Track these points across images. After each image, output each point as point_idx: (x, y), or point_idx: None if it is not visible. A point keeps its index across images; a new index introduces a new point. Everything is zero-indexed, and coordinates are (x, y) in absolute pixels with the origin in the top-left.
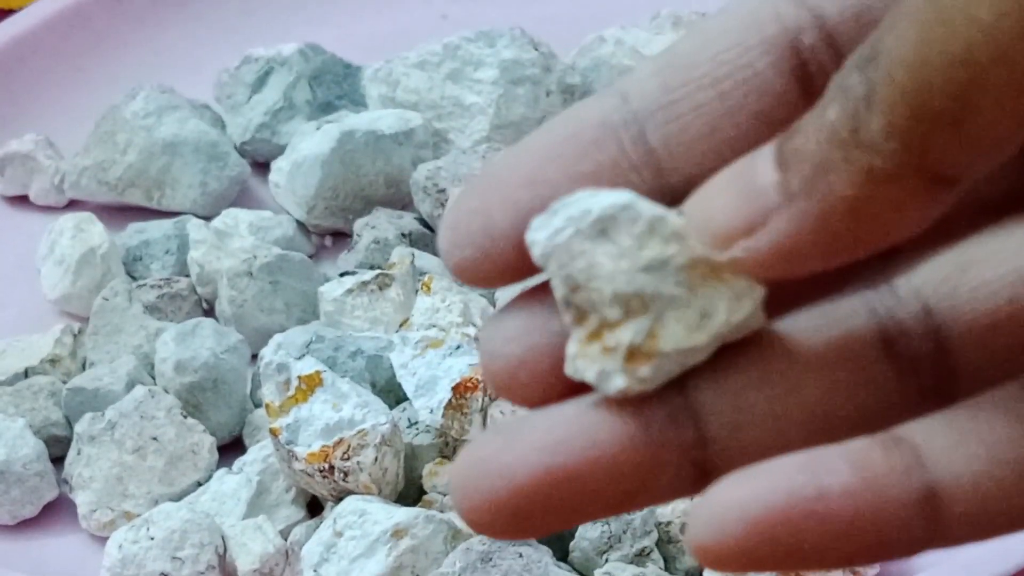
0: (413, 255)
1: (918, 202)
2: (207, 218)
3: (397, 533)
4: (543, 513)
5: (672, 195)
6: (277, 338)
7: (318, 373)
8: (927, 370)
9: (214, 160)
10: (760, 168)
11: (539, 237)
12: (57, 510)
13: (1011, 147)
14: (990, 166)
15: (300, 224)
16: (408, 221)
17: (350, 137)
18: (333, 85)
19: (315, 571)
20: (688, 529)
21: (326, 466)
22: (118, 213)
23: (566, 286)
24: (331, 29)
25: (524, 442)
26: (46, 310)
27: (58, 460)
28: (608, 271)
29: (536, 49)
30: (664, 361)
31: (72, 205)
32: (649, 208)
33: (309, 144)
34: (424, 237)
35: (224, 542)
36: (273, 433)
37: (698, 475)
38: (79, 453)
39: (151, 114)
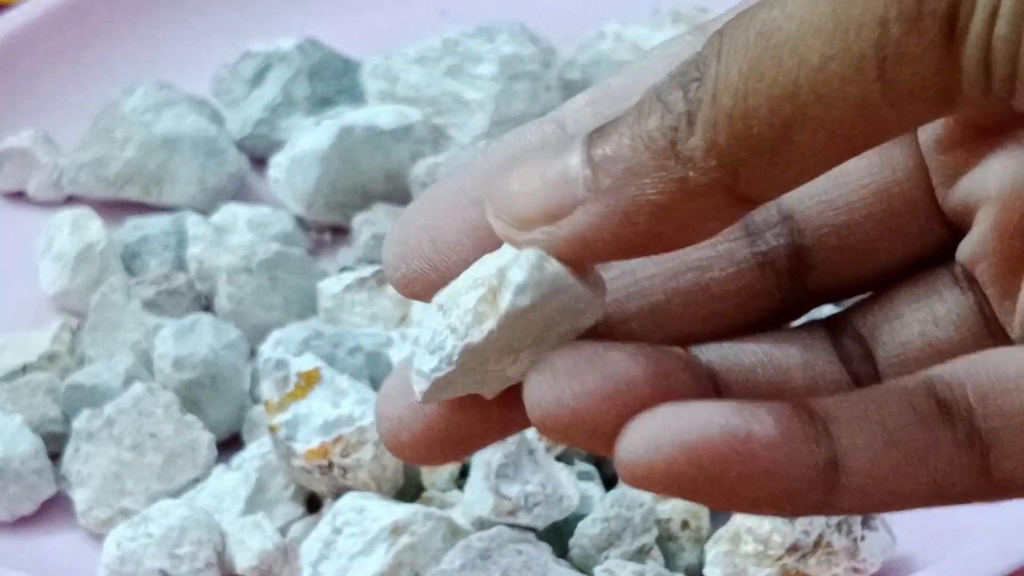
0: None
1: (719, 215)
2: (205, 214)
3: (396, 530)
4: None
5: None
6: (276, 334)
7: (317, 370)
8: (783, 264)
9: (213, 156)
10: (570, 160)
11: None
12: (55, 507)
13: (809, 179)
14: (785, 192)
15: (299, 220)
16: None
17: (349, 133)
18: (332, 80)
19: (314, 568)
20: (619, 446)
21: (325, 463)
22: (116, 209)
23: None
24: (330, 24)
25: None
26: (44, 306)
27: (56, 457)
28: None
29: (535, 44)
30: None
31: (70, 201)
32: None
33: (308, 140)
34: None
35: (223, 539)
36: (272, 430)
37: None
38: (77, 450)
39: (149, 110)
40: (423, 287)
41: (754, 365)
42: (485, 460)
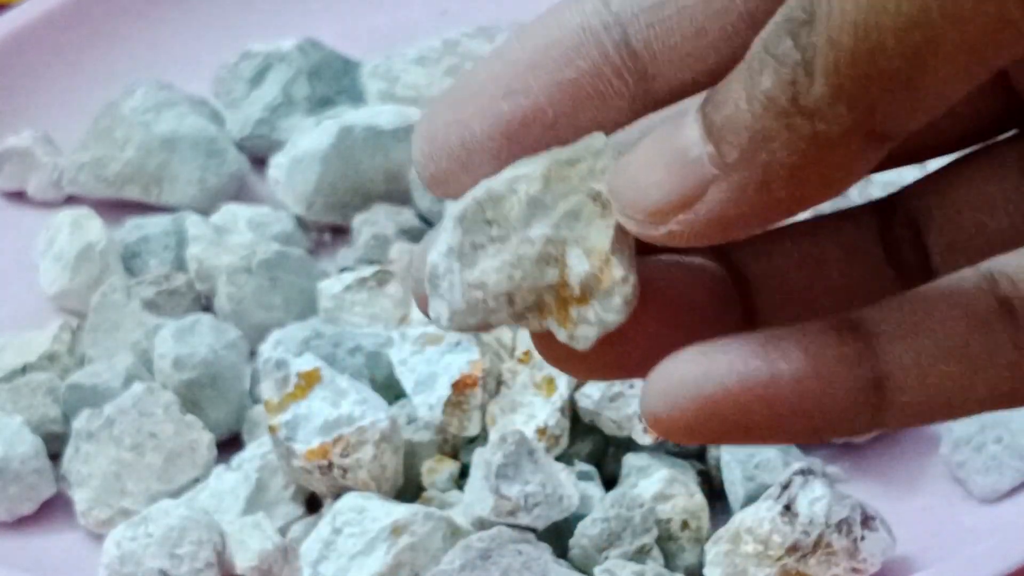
0: (412, 251)
1: (861, 160)
2: (205, 214)
3: (396, 530)
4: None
5: (655, 103)
6: (276, 334)
7: (317, 370)
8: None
9: (213, 156)
10: (689, 137)
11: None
12: (55, 507)
13: (953, 101)
14: (930, 118)
15: (299, 220)
16: (407, 217)
17: (349, 133)
18: (332, 80)
19: (314, 568)
20: (642, 396)
21: (325, 463)
22: (116, 209)
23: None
24: (330, 24)
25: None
26: (44, 306)
27: (56, 457)
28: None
29: None
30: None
31: (70, 201)
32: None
33: (308, 140)
34: (423, 233)
35: (223, 539)
36: (272, 430)
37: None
38: (77, 450)
39: (149, 110)
40: (455, 188)
41: (788, 267)
42: (485, 460)
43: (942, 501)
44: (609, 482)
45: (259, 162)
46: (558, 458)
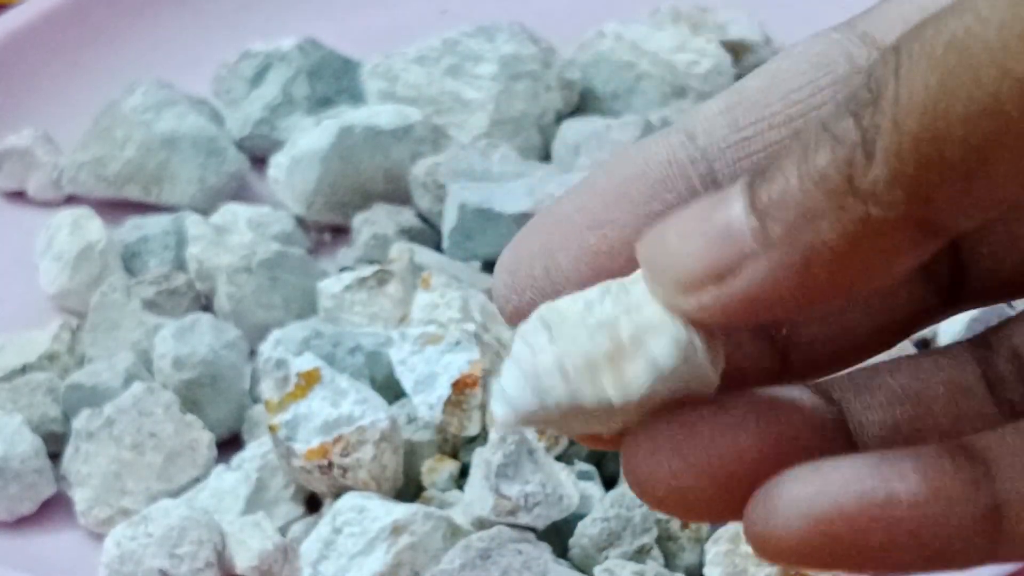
0: (412, 251)
1: (910, 252)
2: (205, 213)
3: (396, 530)
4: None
5: None
6: (276, 334)
7: (317, 369)
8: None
9: (213, 155)
10: (732, 211)
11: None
12: (55, 507)
13: (1008, 204)
14: (988, 216)
15: (299, 219)
16: (407, 217)
17: (349, 132)
18: (332, 80)
19: (314, 568)
20: (747, 516)
21: (325, 463)
22: (116, 208)
23: None
24: (330, 24)
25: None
26: (44, 306)
27: (56, 456)
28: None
29: (535, 44)
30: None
31: (70, 200)
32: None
33: (308, 139)
34: (423, 232)
35: (223, 539)
36: (272, 430)
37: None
38: (77, 450)
39: (149, 109)
40: None
41: (891, 402)
42: (485, 460)
43: None
44: (609, 481)
45: (259, 162)
46: (558, 457)
